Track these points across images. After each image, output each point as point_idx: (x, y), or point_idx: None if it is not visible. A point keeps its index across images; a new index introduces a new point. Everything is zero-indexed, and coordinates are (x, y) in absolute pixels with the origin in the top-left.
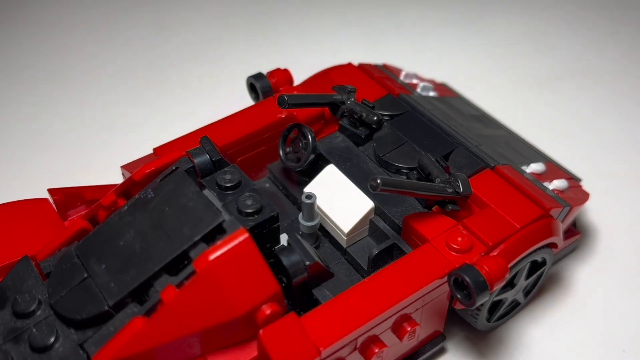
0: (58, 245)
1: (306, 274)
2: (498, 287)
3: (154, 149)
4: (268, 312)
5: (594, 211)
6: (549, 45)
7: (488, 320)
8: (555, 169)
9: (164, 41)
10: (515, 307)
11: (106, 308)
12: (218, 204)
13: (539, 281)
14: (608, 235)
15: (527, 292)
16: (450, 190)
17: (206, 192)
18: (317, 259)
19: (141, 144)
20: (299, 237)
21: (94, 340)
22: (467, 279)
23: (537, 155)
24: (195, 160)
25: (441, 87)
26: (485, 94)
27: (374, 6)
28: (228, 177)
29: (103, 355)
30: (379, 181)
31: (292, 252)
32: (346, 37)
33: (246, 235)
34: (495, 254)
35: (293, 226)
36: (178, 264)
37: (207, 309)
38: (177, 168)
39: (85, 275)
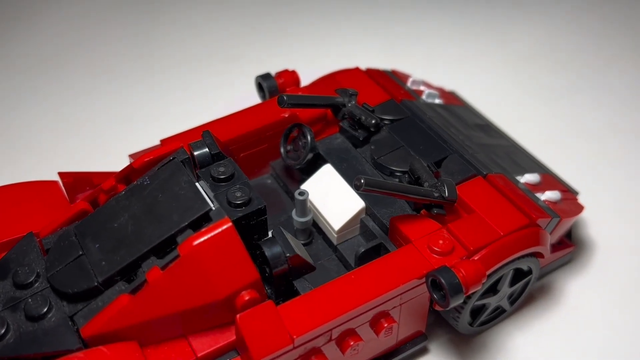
0: (60, 224)
1: (286, 265)
2: (474, 291)
3: (161, 140)
4: (247, 297)
5: (594, 225)
6: (567, 58)
7: (471, 324)
8: (551, 181)
9: (184, 38)
10: (501, 314)
11: (96, 284)
12: (211, 194)
13: (526, 289)
14: (604, 250)
15: (513, 300)
16: (436, 195)
17: (202, 182)
18: (298, 251)
19: (155, 136)
20: (283, 230)
21: (83, 314)
22: (442, 280)
23: (535, 166)
24: (195, 153)
25: (448, 95)
26: (499, 104)
27: (392, 12)
28: (222, 169)
29: (90, 328)
30: (362, 181)
31: (275, 244)
32: (363, 42)
33: (229, 224)
34: (476, 258)
35: (289, 221)
36: (166, 248)
37: (188, 291)
38: (173, 158)
39: (80, 252)
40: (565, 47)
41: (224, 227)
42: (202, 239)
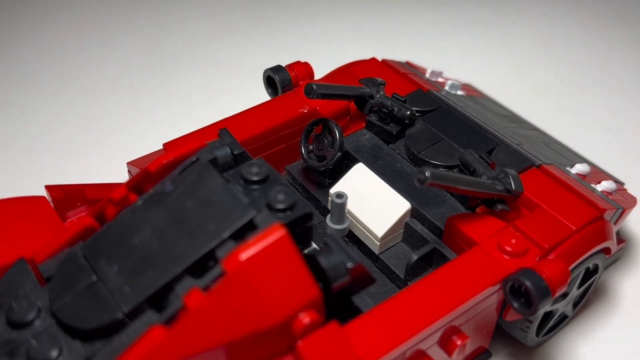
0: (59, 245)
1: (348, 277)
2: (560, 293)
3: (164, 144)
4: (306, 320)
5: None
6: (567, 52)
7: (536, 334)
8: (597, 172)
9: (167, 41)
10: (562, 320)
11: (121, 316)
12: (244, 199)
13: (588, 291)
14: None
15: (575, 304)
16: (500, 188)
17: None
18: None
19: (142, 143)
20: (337, 236)
21: (104, 354)
22: (528, 284)
23: (575, 157)
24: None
25: (467, 87)
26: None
27: (386, 6)
28: (255, 170)
29: None
30: (427, 174)
31: (332, 253)
32: (356, 39)
33: (283, 231)
34: (551, 258)
35: (316, 231)
36: (201, 265)
37: (237, 317)
38: (198, 159)
39: (94, 278)
40: (564, 39)
41: (277, 235)
42: (251, 251)
